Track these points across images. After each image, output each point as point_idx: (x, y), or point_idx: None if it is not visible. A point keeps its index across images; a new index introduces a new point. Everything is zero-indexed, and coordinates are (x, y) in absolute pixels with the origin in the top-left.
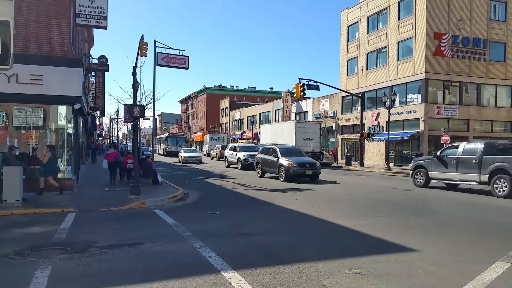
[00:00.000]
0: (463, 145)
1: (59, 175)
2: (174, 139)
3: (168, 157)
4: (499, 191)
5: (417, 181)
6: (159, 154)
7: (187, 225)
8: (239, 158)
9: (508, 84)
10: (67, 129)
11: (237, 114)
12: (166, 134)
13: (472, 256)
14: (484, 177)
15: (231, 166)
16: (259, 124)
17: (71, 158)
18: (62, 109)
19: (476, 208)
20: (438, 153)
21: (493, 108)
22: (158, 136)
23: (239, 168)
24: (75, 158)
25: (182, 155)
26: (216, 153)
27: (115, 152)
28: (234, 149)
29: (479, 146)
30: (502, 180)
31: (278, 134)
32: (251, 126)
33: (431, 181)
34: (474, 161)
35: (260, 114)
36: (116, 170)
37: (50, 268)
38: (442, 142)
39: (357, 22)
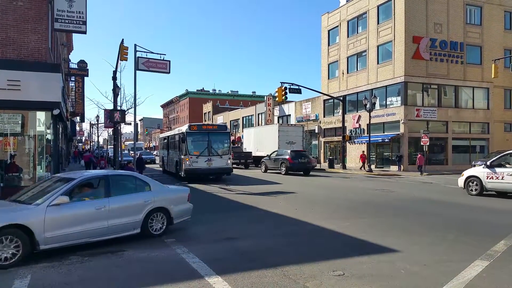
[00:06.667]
0: None
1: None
2: (206, 137)
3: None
4: None
5: None
6: (163, 170)
7: (169, 231)
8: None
9: (485, 86)
10: (46, 135)
11: (220, 118)
12: (185, 128)
13: (452, 255)
14: None
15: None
16: (242, 128)
17: (50, 165)
18: (41, 115)
19: (451, 206)
20: None
21: (471, 109)
22: (161, 135)
23: None
24: (55, 164)
25: None
26: None
27: (89, 155)
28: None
29: None
30: None
31: (261, 137)
32: (234, 130)
33: None
34: None
35: (243, 118)
36: (90, 167)
37: (30, 277)
38: (421, 143)
39: (337, 26)
